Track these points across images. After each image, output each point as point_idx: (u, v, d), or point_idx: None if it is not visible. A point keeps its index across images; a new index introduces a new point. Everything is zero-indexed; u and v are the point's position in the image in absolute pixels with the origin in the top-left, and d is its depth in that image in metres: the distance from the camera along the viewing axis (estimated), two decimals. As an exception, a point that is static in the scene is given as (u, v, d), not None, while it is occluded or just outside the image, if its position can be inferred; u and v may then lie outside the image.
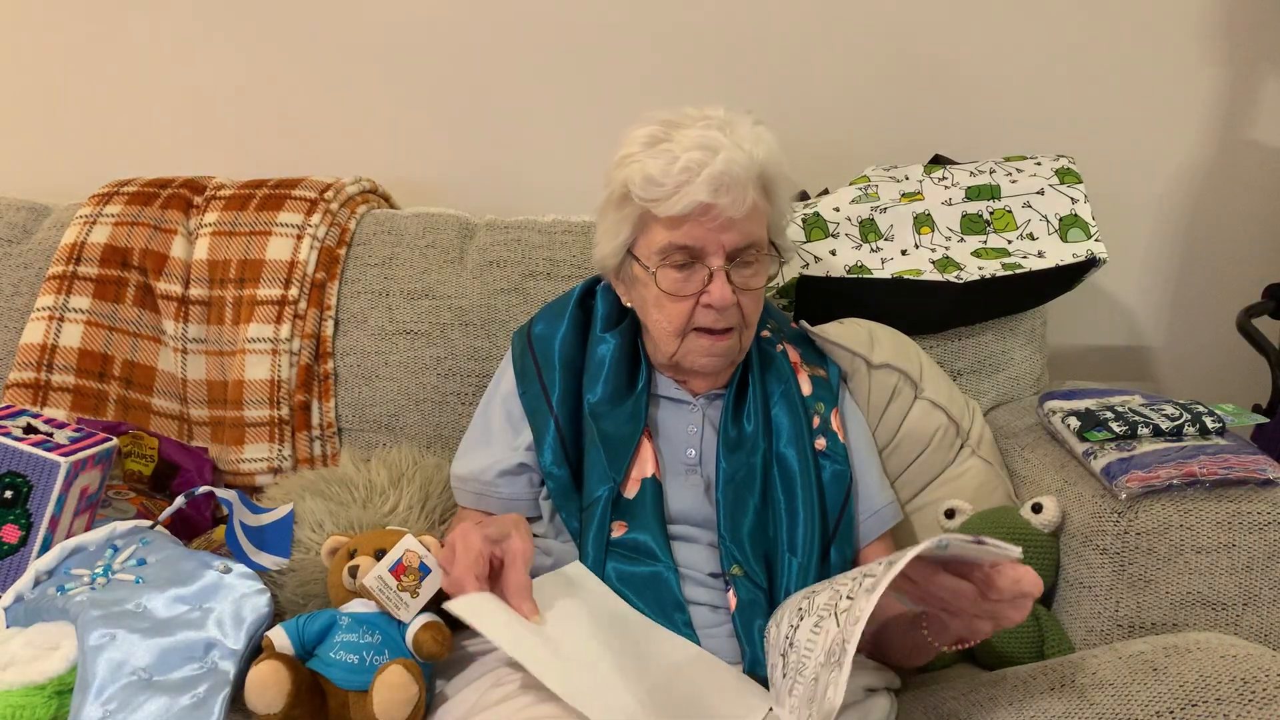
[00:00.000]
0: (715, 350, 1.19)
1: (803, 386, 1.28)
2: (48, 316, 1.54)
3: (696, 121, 1.14)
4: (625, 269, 1.23)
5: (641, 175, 1.13)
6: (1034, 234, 1.53)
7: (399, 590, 1.06)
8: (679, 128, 1.14)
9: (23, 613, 1.09)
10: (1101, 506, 1.18)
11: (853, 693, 1.07)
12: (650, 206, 1.14)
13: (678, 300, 1.17)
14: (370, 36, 1.82)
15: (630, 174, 1.14)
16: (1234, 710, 0.84)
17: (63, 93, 1.86)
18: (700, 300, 1.16)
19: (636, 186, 1.14)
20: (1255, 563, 1.08)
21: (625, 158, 1.16)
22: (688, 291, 1.16)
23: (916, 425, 1.38)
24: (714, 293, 1.14)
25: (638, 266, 1.20)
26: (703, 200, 1.11)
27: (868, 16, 1.78)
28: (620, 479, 1.17)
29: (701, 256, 1.15)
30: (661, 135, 1.15)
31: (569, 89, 1.82)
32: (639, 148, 1.15)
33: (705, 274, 1.15)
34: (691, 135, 1.12)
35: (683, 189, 1.11)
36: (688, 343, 1.19)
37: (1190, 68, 1.79)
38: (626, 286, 1.25)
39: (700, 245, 1.14)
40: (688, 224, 1.14)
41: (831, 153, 1.73)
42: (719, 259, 1.14)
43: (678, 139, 1.13)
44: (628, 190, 1.15)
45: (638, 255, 1.19)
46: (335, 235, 1.59)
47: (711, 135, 1.12)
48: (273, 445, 1.52)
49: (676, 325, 1.18)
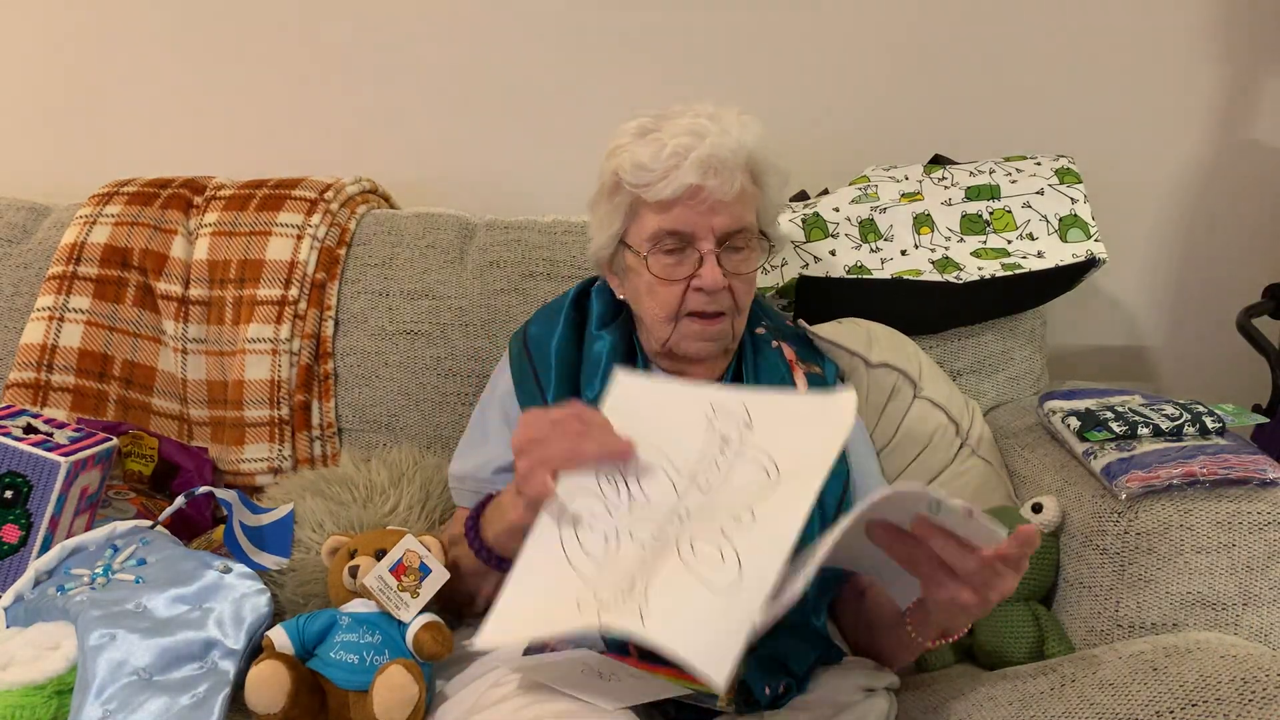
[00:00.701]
0: (707, 334, 1.20)
1: (798, 383, 1.28)
2: (48, 316, 1.54)
3: (685, 113, 1.17)
4: (618, 259, 1.25)
5: (631, 162, 1.15)
6: (1034, 234, 1.53)
7: (399, 590, 1.06)
8: (667, 118, 1.17)
9: (23, 613, 1.09)
10: (1101, 506, 1.18)
11: (851, 693, 1.08)
12: (641, 192, 1.16)
13: (669, 285, 1.18)
14: (370, 36, 1.82)
15: (620, 162, 1.17)
16: (1234, 710, 0.84)
17: (63, 93, 1.86)
18: (691, 284, 1.18)
19: (627, 173, 1.16)
20: (1255, 563, 1.08)
21: (616, 148, 1.19)
22: (679, 276, 1.18)
23: (915, 425, 1.38)
24: (705, 276, 1.16)
25: (630, 254, 1.21)
26: (692, 182, 1.13)
27: (868, 17, 1.78)
28: None
29: (692, 240, 1.17)
30: (651, 126, 1.18)
31: (569, 89, 1.82)
32: (629, 138, 1.18)
33: (696, 258, 1.17)
34: (680, 124, 1.15)
35: (671, 173, 1.13)
36: (680, 328, 1.21)
37: (1190, 67, 1.79)
38: (620, 278, 1.27)
39: (690, 229, 1.16)
40: (677, 208, 1.16)
41: (831, 153, 1.73)
42: (709, 243, 1.16)
43: (666, 128, 1.16)
44: (618, 179, 1.18)
45: (630, 243, 1.21)
46: (335, 235, 1.59)
47: (699, 123, 1.15)
48: (273, 445, 1.52)
49: (669, 310, 1.19)
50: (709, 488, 0.95)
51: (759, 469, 0.95)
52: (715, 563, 0.86)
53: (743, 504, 0.91)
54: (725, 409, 1.01)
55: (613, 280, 1.28)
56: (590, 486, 0.97)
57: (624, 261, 1.24)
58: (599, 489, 0.97)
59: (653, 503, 0.95)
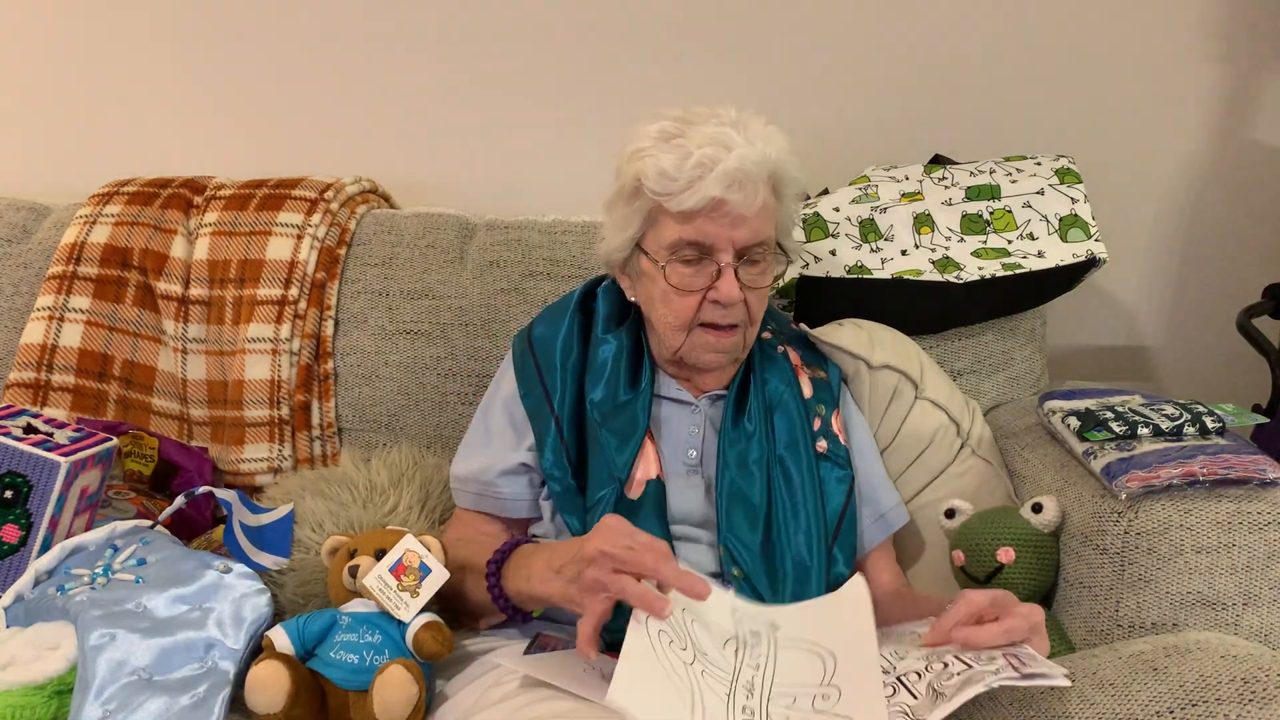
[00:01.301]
0: (720, 346, 1.20)
1: (804, 388, 1.28)
2: (48, 316, 1.54)
3: (709, 119, 1.15)
4: (632, 263, 1.24)
5: (655, 169, 1.13)
6: (1034, 234, 1.53)
7: (399, 590, 1.06)
8: (691, 124, 1.15)
9: (23, 613, 1.09)
10: (1101, 506, 1.18)
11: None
12: (663, 201, 1.14)
13: (685, 295, 1.17)
14: (370, 36, 1.82)
15: (644, 167, 1.14)
16: (1234, 710, 0.84)
17: (63, 93, 1.86)
18: (708, 296, 1.17)
19: (650, 180, 1.14)
20: (1255, 563, 1.08)
21: (638, 151, 1.16)
22: (696, 287, 1.17)
23: (917, 425, 1.38)
24: (722, 289, 1.15)
25: (646, 260, 1.20)
26: (716, 195, 1.11)
27: (868, 17, 1.78)
28: (625, 479, 1.17)
29: (711, 252, 1.16)
30: (674, 131, 1.15)
31: (569, 89, 1.82)
32: (651, 142, 1.16)
33: (714, 270, 1.16)
34: (705, 132, 1.13)
35: (695, 184, 1.11)
36: (693, 338, 1.20)
37: (1190, 67, 1.79)
38: (632, 281, 1.26)
39: (710, 241, 1.15)
40: (699, 219, 1.14)
41: (831, 153, 1.73)
42: (728, 255, 1.15)
43: (691, 135, 1.13)
44: (640, 184, 1.15)
45: (646, 249, 1.20)
46: (335, 235, 1.59)
47: (725, 132, 1.12)
48: (273, 445, 1.52)
49: (683, 319, 1.18)
50: (758, 665, 0.95)
51: (808, 655, 0.97)
52: None
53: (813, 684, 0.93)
54: (748, 613, 1.02)
55: (624, 281, 1.27)
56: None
57: (639, 266, 1.22)
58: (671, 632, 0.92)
59: (714, 663, 0.93)
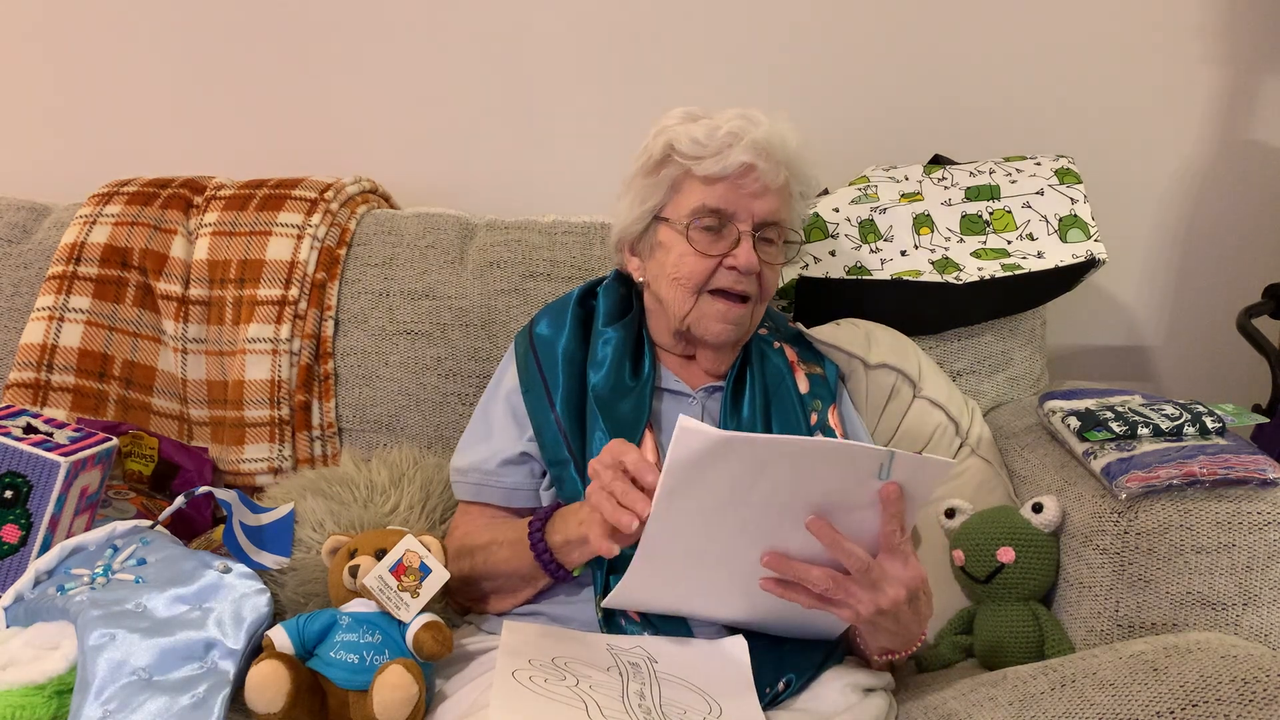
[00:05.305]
0: (729, 316, 1.22)
1: (800, 384, 1.29)
2: (48, 316, 1.54)
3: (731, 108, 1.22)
4: (647, 237, 1.27)
5: (688, 136, 1.20)
6: (1034, 234, 1.53)
7: (399, 590, 1.06)
8: (715, 110, 1.23)
9: (23, 613, 1.09)
10: (1101, 506, 1.18)
11: (850, 693, 1.08)
12: (692, 165, 1.20)
13: (702, 258, 1.21)
14: (371, 36, 1.82)
15: (675, 135, 1.21)
16: (1234, 710, 0.84)
17: (63, 93, 1.86)
18: (724, 262, 1.21)
19: (682, 144, 1.20)
20: (1255, 563, 1.08)
21: (665, 127, 1.23)
22: (714, 252, 1.21)
23: (915, 424, 1.38)
24: (740, 255, 1.20)
25: (665, 228, 1.24)
26: (745, 160, 1.17)
27: (868, 16, 1.78)
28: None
29: (731, 219, 1.20)
30: (700, 113, 1.23)
31: (569, 89, 1.82)
32: (676, 120, 1.23)
33: (733, 238, 1.20)
34: (729, 113, 1.21)
35: (726, 150, 1.18)
36: (702, 305, 1.22)
37: (1190, 67, 1.79)
38: (643, 258, 1.28)
39: (732, 209, 1.20)
40: (723, 185, 1.20)
41: (831, 153, 1.72)
42: (748, 224, 1.20)
43: (716, 116, 1.21)
44: (668, 153, 1.22)
45: (667, 216, 1.24)
46: (335, 235, 1.59)
47: (751, 112, 1.21)
48: (273, 445, 1.52)
49: (696, 281, 1.21)
50: (643, 683, 1.00)
51: (688, 690, 1.00)
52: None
53: (700, 710, 0.97)
54: (622, 646, 1.06)
55: (632, 263, 1.30)
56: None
57: (655, 237, 1.26)
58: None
59: (600, 684, 0.98)
